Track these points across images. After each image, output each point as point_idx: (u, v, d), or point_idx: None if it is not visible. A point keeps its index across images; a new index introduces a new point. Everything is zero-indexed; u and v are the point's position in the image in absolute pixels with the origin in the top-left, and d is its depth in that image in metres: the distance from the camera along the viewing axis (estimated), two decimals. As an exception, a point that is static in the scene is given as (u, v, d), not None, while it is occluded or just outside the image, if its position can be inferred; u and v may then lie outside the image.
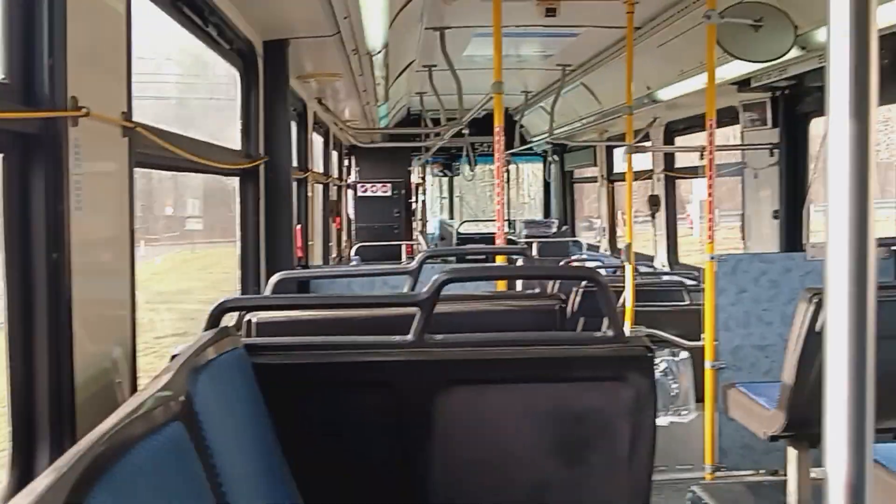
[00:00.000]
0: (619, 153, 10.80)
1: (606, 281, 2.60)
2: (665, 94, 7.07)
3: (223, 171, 3.89)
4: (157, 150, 2.67)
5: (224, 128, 4.46)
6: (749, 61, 5.02)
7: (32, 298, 1.89)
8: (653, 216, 8.57)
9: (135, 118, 2.33)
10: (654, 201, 8.43)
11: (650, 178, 8.78)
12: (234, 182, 4.39)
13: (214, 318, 2.49)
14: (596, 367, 2.56)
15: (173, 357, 2.25)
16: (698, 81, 5.85)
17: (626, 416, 2.57)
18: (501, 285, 5.11)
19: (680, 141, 8.44)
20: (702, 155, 5.46)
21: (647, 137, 8.56)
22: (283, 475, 2.36)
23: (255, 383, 2.39)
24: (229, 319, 2.79)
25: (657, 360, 5.14)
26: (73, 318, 1.94)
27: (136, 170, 2.41)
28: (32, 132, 1.85)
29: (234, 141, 4.34)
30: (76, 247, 1.95)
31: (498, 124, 4.78)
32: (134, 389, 2.35)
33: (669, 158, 8.65)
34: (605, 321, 2.70)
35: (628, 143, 6.02)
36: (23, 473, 1.89)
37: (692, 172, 8.28)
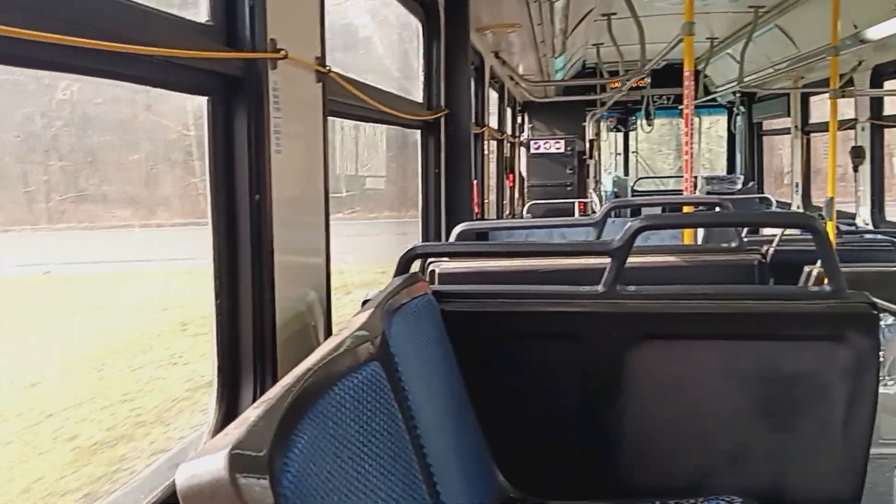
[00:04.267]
0: (815, 101, 9.96)
1: (826, 228, 2.35)
2: (875, 32, 6.37)
3: (407, 122, 3.89)
4: (347, 98, 2.69)
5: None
6: None
7: (237, 239, 1.94)
8: (856, 169, 7.83)
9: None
10: (857, 153, 7.69)
11: (852, 127, 8.02)
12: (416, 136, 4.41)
13: (404, 264, 2.49)
14: (810, 325, 2.32)
15: (364, 302, 2.26)
16: (918, 15, 5.22)
17: (844, 379, 2.32)
18: (688, 239, 4.85)
19: (889, 86, 7.63)
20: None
21: (849, 83, 7.80)
22: (470, 420, 2.34)
23: (444, 330, 2.37)
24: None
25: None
26: (274, 262, 1.98)
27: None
28: (235, 74, 1.88)
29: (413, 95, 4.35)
30: (276, 191, 1.98)
31: (688, 69, 4.49)
32: (328, 332, 2.40)
33: (876, 106, 7.85)
34: (808, 276, 2.44)
35: (833, 87, 5.49)
36: (230, 406, 1.96)
37: None
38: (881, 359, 5.04)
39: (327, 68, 2.33)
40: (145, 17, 1.62)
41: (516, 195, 11.06)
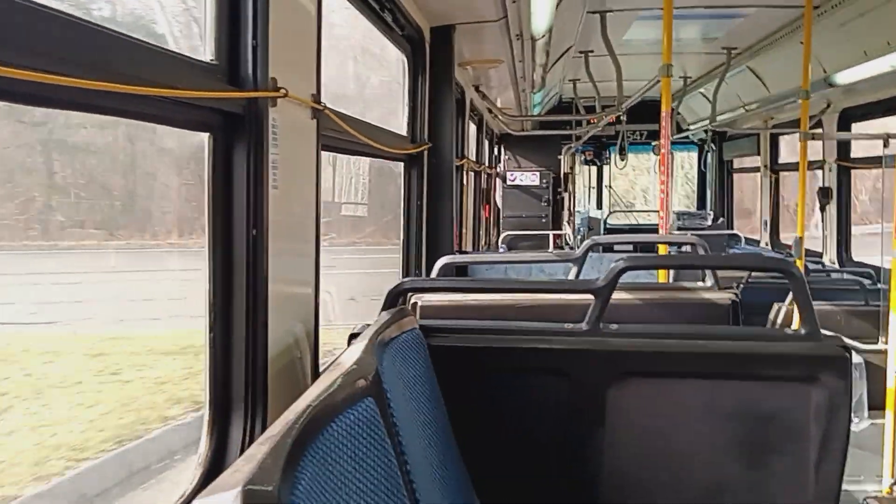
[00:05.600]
0: (783, 142, 10.21)
1: (802, 273, 2.43)
2: (844, 77, 6.59)
3: (391, 155, 3.95)
4: (338, 133, 2.74)
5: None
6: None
7: (233, 274, 1.97)
8: (823, 209, 8.03)
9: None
10: (825, 193, 7.89)
11: (820, 168, 8.23)
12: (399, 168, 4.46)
13: (393, 298, 2.53)
14: (786, 366, 2.40)
15: (351, 335, 2.29)
16: (885, 63, 5.41)
17: (817, 419, 2.40)
18: (662, 278, 4.94)
19: (857, 128, 7.85)
20: (886, 143, 5.05)
21: (818, 125, 8.02)
22: (453, 453, 2.37)
23: (430, 363, 2.41)
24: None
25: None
26: (268, 294, 2.01)
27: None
28: (237, 112, 1.92)
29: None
30: (272, 225, 2.02)
31: (665, 109, 4.61)
32: (315, 365, 2.43)
33: (843, 148, 8.07)
34: (778, 314, 2.52)
35: (803, 129, 5.65)
36: (220, 439, 1.98)
37: (872, 163, 7.69)
38: (855, 398, 5.15)
39: (322, 105, 2.38)
40: (151, 56, 1.66)
41: (492, 226, 11.14)
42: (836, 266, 7.86)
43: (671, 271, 6.07)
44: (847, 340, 5.21)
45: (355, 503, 1.48)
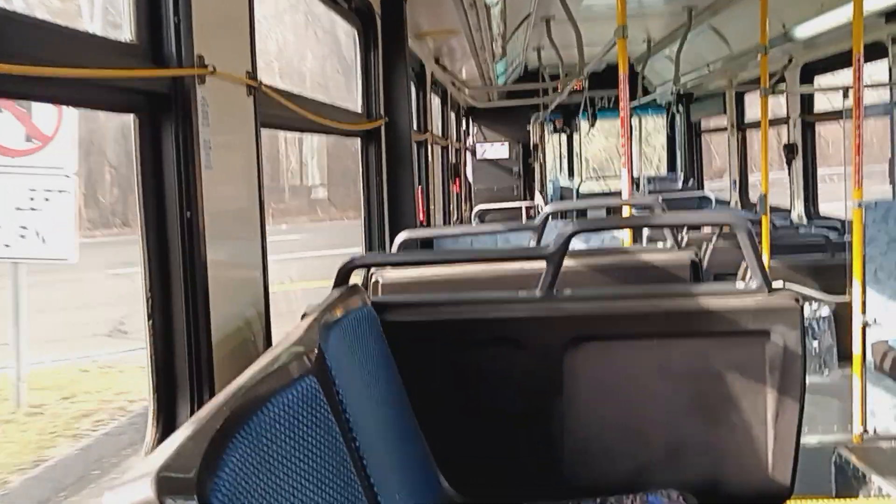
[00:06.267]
0: (749, 99, 10.22)
1: (749, 225, 2.42)
2: (802, 31, 6.58)
3: (344, 131, 3.89)
4: (280, 110, 2.68)
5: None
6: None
7: (168, 257, 1.92)
8: (789, 165, 8.06)
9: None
10: (790, 149, 7.92)
11: (785, 124, 8.25)
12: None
13: (342, 276, 2.50)
14: (738, 320, 2.40)
15: (303, 316, 2.26)
16: (841, 15, 5.40)
17: (772, 372, 2.40)
18: (627, 242, 4.94)
19: (819, 82, 7.87)
20: (846, 94, 5.05)
21: (781, 80, 8.03)
22: (412, 429, 2.35)
23: (384, 341, 2.38)
24: (356, 280, 2.79)
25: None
26: (208, 278, 1.97)
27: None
28: (162, 91, 1.87)
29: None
30: (208, 206, 1.97)
31: (623, 71, 4.57)
32: (268, 347, 2.39)
33: (807, 102, 8.09)
34: (745, 272, 2.52)
35: (763, 85, 5.64)
36: (166, 426, 1.94)
37: (834, 116, 7.72)
38: (815, 349, 5.21)
39: (258, 82, 2.32)
40: (65, 37, 1.60)
41: (463, 201, 11.11)
42: (804, 221, 7.91)
43: (643, 236, 6.08)
44: (814, 293, 5.25)
45: (297, 483, 1.46)
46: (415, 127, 5.74)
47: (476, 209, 10.93)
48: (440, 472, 2.41)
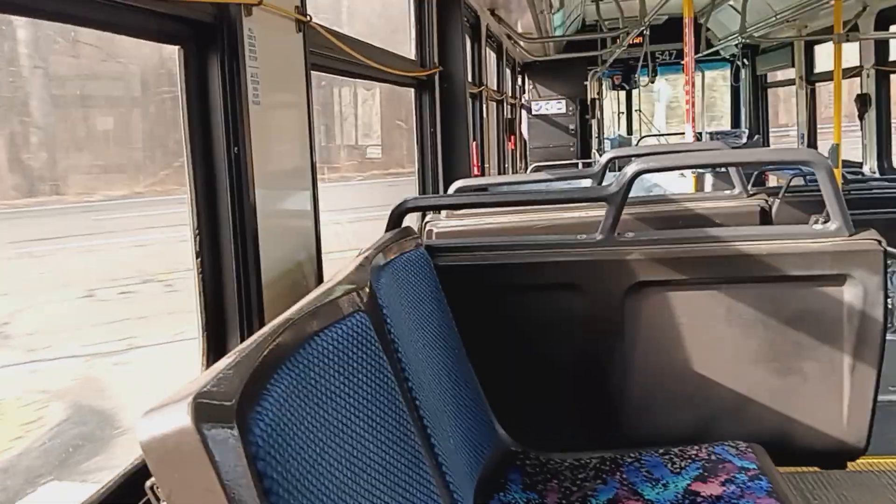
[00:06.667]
0: (819, 51, 9.77)
1: (829, 163, 2.27)
2: None
3: (398, 78, 3.80)
4: (331, 52, 2.60)
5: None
6: None
7: (216, 193, 1.88)
8: (861, 117, 7.69)
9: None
10: (863, 101, 7.55)
11: (857, 75, 7.86)
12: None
13: (395, 219, 2.43)
14: (814, 264, 2.26)
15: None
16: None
17: (850, 320, 2.26)
18: (695, 189, 4.78)
19: (895, 30, 7.46)
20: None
21: (854, 29, 7.63)
22: (467, 374, 2.29)
23: (438, 284, 2.31)
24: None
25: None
26: (257, 214, 1.92)
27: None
28: (207, 21, 1.80)
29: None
30: (256, 142, 1.91)
31: (688, 16, 4.37)
32: None
33: (882, 52, 7.68)
34: (816, 223, 2.37)
35: (836, 31, 5.35)
36: (216, 363, 1.92)
37: None
38: (890, 305, 4.99)
39: (308, 18, 2.25)
40: None
41: (518, 158, 10.94)
42: (877, 175, 7.57)
43: (707, 186, 5.88)
44: (890, 249, 5.03)
45: (346, 419, 1.41)
46: (469, 79, 5.61)
47: (532, 167, 10.77)
48: (495, 417, 2.35)
